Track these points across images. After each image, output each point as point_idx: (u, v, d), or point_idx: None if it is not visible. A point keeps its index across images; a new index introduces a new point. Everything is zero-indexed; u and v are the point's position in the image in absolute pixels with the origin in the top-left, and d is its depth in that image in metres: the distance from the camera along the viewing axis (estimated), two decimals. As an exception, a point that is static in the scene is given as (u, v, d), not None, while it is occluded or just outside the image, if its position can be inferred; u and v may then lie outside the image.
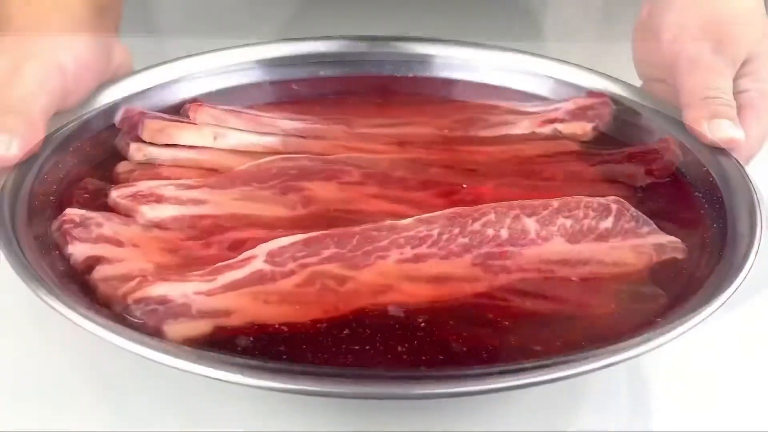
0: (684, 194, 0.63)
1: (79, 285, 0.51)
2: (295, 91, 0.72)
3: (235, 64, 0.72)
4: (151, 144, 0.64)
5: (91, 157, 0.63)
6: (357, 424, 0.52)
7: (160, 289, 0.50)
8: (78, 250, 0.53)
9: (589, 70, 0.72)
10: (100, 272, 0.52)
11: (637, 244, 0.57)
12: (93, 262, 0.53)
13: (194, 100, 0.68)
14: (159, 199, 0.58)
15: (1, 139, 0.56)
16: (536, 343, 0.49)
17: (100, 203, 0.59)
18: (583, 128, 0.69)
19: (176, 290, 0.50)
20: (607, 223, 0.59)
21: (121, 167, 0.62)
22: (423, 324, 0.51)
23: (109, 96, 0.66)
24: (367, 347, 0.49)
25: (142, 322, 0.49)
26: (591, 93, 0.71)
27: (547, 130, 0.69)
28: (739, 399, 0.55)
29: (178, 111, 0.67)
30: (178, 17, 0.92)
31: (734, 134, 0.62)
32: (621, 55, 0.73)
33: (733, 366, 0.57)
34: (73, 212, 0.55)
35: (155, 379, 0.53)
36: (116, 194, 0.58)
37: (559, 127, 0.69)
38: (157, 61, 0.69)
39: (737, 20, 0.67)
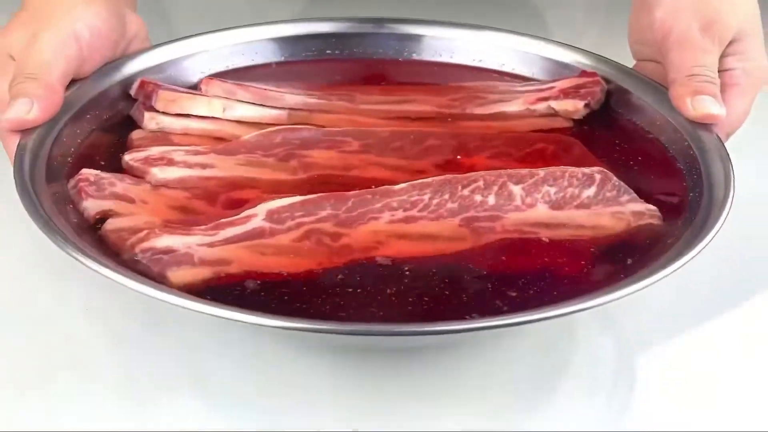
0: (666, 166, 0.66)
1: (91, 236, 0.56)
2: (301, 69, 0.76)
3: (244, 42, 0.76)
4: (164, 113, 0.68)
5: (107, 125, 0.67)
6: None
7: (165, 241, 0.54)
8: (91, 205, 0.57)
9: (584, 52, 0.75)
10: (111, 224, 0.56)
11: (617, 210, 0.61)
12: (104, 215, 0.57)
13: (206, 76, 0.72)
14: (169, 163, 0.62)
15: (23, 103, 0.60)
16: (512, 290, 0.53)
17: (114, 167, 0.63)
18: (575, 105, 0.72)
19: (180, 241, 0.55)
20: (590, 191, 0.62)
21: (135, 135, 0.66)
22: (408, 272, 0.55)
23: (126, 69, 0.70)
24: (359, 290, 0.54)
25: (148, 268, 0.53)
26: (584, 72, 0.74)
27: (541, 107, 0.72)
28: (738, 399, 0.56)
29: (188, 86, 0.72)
30: (185, 15, 0.96)
31: (715, 110, 0.65)
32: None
33: (733, 366, 0.58)
34: (88, 172, 0.60)
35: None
36: (129, 157, 0.63)
37: (553, 104, 0.72)
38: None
39: (727, 1, 0.69)
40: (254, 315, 0.48)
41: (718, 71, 0.67)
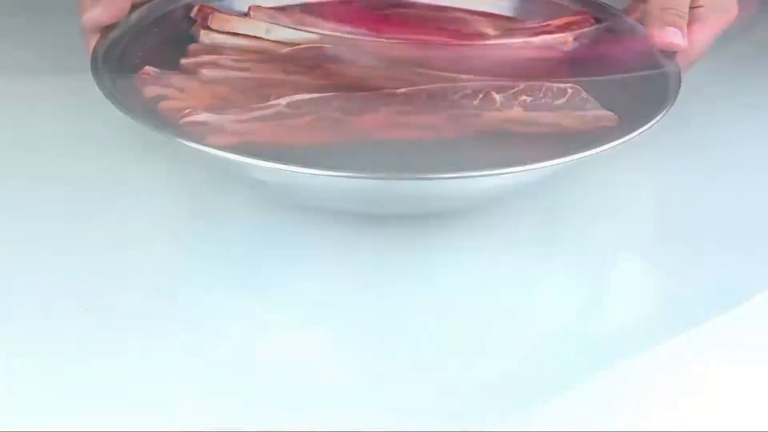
0: (634, 87, 0.78)
1: (149, 114, 0.70)
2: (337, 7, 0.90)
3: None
4: (218, 32, 0.82)
5: (169, 40, 0.81)
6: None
7: (204, 117, 0.69)
8: (149, 90, 0.72)
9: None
10: (163, 105, 0.71)
11: (580, 114, 0.73)
12: (159, 98, 0.72)
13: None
14: (216, 66, 0.77)
15: (97, 5, 0.75)
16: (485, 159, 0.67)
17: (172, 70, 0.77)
18: (566, 39, 0.85)
19: (216, 118, 0.69)
20: (561, 101, 0.74)
21: (192, 47, 0.81)
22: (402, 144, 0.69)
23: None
24: (360, 157, 0.67)
25: (190, 135, 0.67)
26: (576, 11, 0.87)
27: (537, 40, 0.85)
28: (738, 399, 0.57)
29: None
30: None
31: (677, 40, 0.77)
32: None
33: (733, 366, 0.60)
34: (150, 69, 0.75)
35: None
36: (185, 61, 0.78)
37: (547, 37, 0.85)
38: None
39: None
40: (285, 164, 0.62)
41: (690, 8, 0.79)
